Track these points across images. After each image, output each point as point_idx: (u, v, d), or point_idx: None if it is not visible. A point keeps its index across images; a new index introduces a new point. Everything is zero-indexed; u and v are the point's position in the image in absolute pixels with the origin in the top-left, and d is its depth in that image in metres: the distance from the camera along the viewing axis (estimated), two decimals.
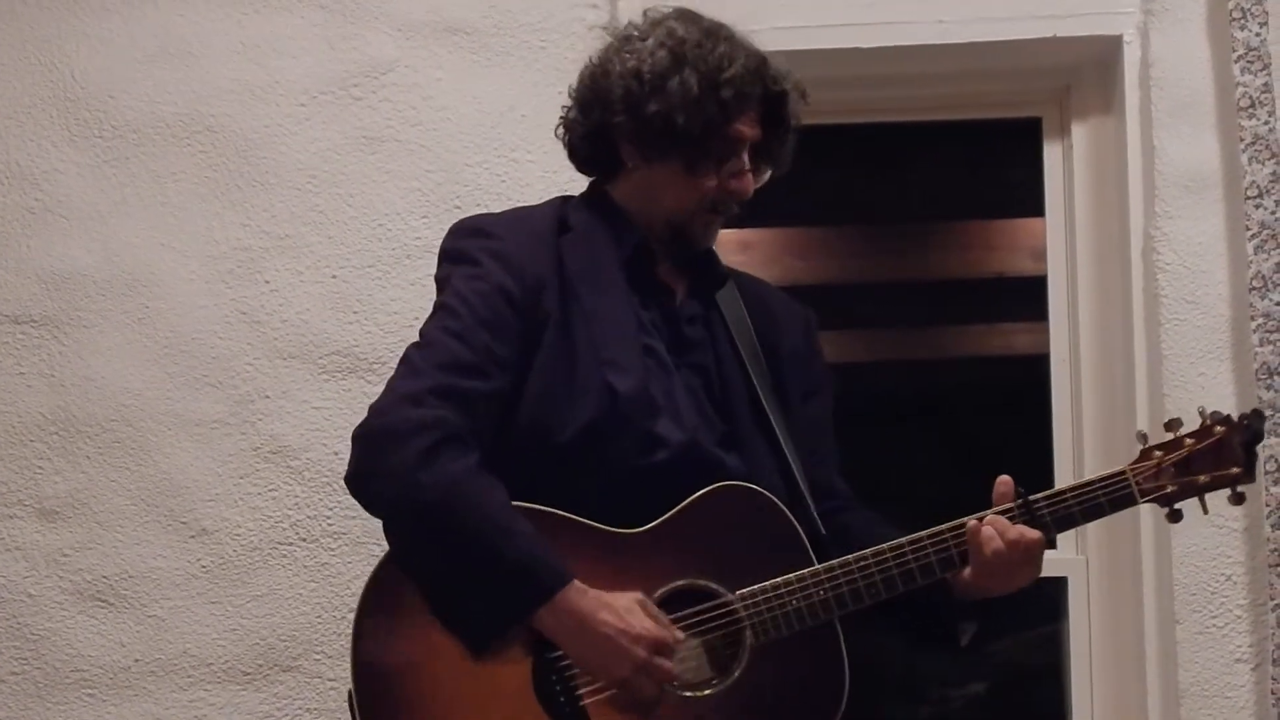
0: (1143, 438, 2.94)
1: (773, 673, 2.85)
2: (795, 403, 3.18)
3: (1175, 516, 2.94)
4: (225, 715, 4.08)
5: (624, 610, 2.80)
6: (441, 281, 3.09)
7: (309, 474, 4.10)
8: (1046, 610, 4.48)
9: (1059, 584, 4.28)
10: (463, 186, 4.20)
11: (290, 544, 4.11)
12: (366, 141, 4.24)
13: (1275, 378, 3.87)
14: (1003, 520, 2.87)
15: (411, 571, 2.86)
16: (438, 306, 3.04)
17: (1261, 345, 3.88)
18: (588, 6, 4.23)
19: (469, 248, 3.08)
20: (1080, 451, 4.26)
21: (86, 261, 4.21)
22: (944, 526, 2.90)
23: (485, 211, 4.02)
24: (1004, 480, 2.93)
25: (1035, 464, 4.35)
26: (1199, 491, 2.91)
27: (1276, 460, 3.83)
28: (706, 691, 2.83)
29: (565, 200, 3.23)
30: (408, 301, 4.09)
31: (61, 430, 4.17)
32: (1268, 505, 3.84)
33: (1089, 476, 2.96)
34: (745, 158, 3.08)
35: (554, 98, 3.83)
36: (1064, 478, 4.28)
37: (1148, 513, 4.03)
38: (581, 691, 2.81)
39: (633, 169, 3.15)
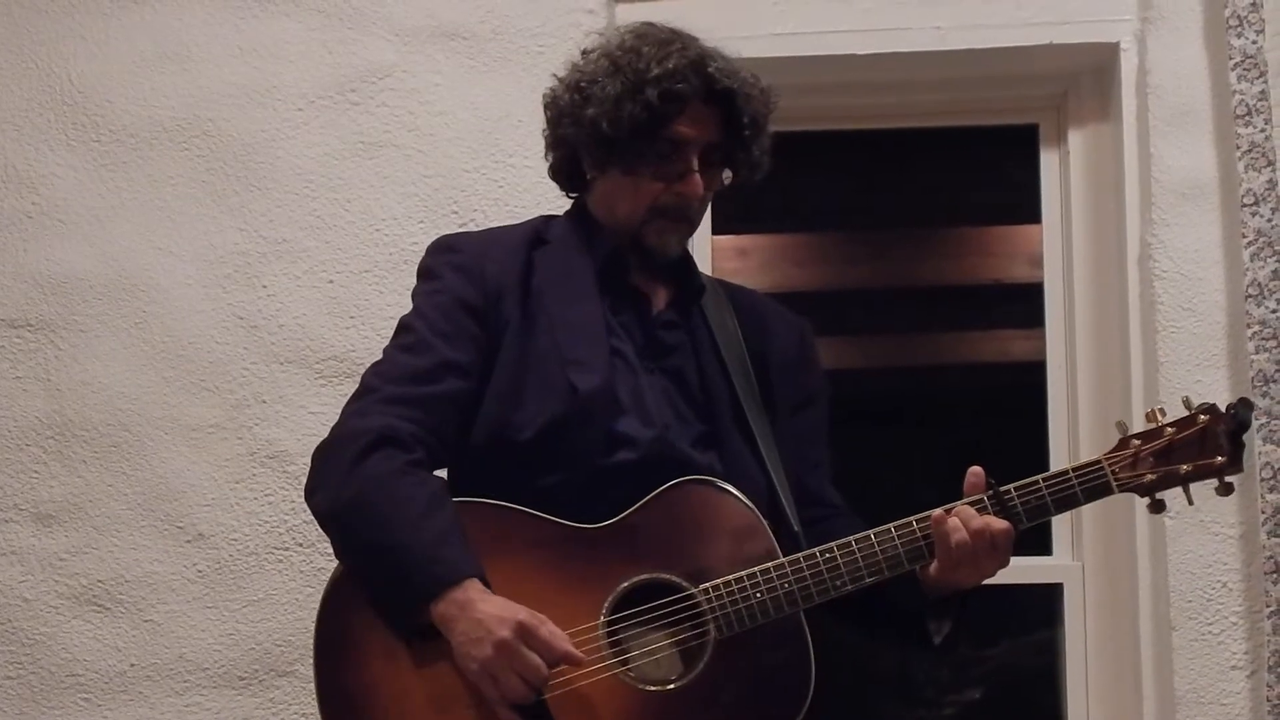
0: (1122, 427, 2.90)
1: (737, 667, 2.82)
2: (784, 411, 3.16)
3: (1157, 507, 2.88)
4: None
5: (507, 604, 2.75)
6: (411, 298, 3.15)
7: (305, 479, 4.09)
8: (1042, 616, 4.49)
9: (1055, 590, 4.28)
10: (460, 192, 4.20)
11: (286, 549, 4.11)
12: (364, 146, 4.24)
13: (1271, 385, 3.87)
14: (968, 510, 2.84)
15: (353, 570, 2.88)
16: (398, 326, 3.11)
17: (1257, 353, 3.89)
18: (584, 12, 4.24)
19: (434, 264, 3.15)
20: (1076, 458, 4.25)
21: (83, 266, 4.22)
22: (911, 517, 2.87)
23: (480, 215, 4.04)
24: (974, 471, 2.89)
25: (1031, 470, 4.34)
26: (1181, 481, 2.85)
27: (1273, 467, 3.83)
28: (669, 686, 2.79)
29: (549, 218, 3.26)
30: (404, 307, 4.04)
31: (58, 435, 4.17)
32: (1263, 512, 3.84)
33: (1062, 466, 2.92)
34: (692, 159, 3.05)
35: None
36: None
37: (1143, 519, 4.04)
38: (543, 688, 2.77)
39: (592, 180, 3.19)
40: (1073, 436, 4.31)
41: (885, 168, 5.04)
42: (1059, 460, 4.30)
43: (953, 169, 5.06)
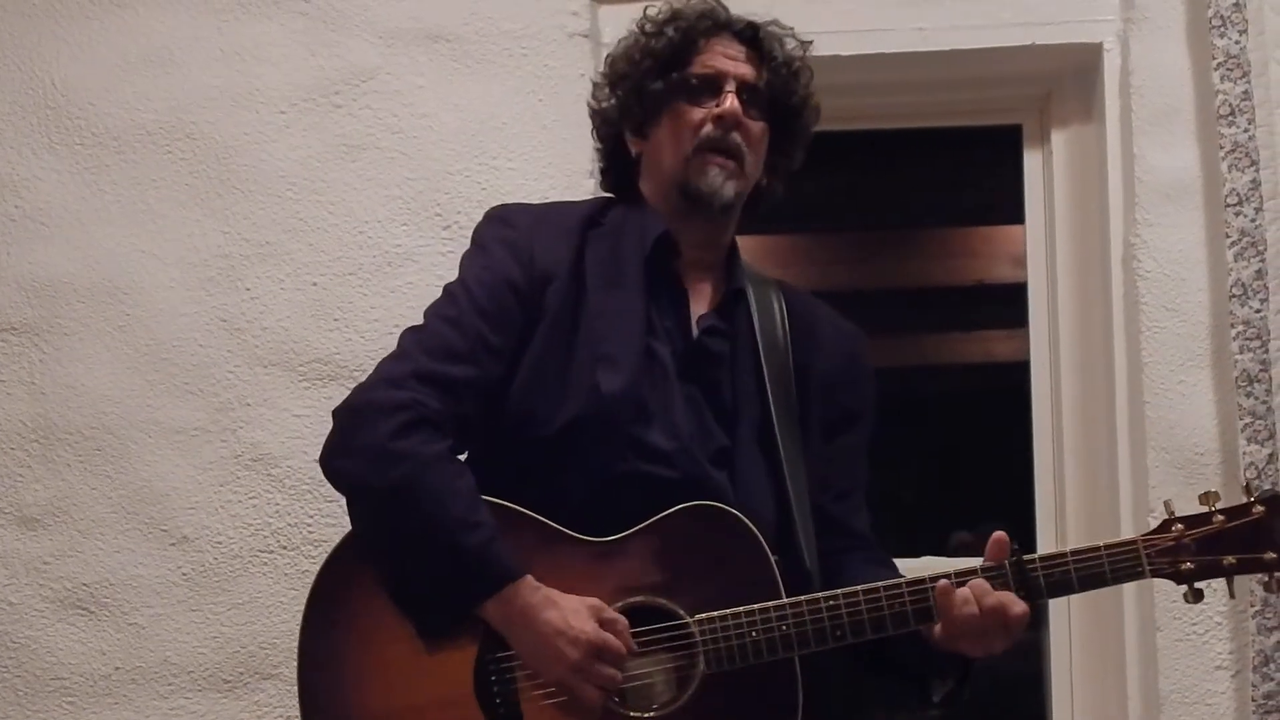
0: (1168, 507, 2.79)
1: (722, 702, 2.78)
2: (817, 430, 3.10)
3: (1195, 596, 2.76)
4: None
5: (570, 611, 2.76)
6: (460, 265, 3.10)
7: (289, 482, 4.09)
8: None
9: None
10: (443, 194, 4.19)
11: (271, 552, 4.10)
12: (347, 149, 4.23)
13: (1255, 385, 3.87)
14: (983, 585, 2.75)
15: (370, 551, 2.87)
16: (443, 291, 3.06)
17: (1241, 353, 3.89)
18: (569, 15, 4.22)
19: (486, 236, 3.10)
20: (1060, 458, 4.26)
21: (67, 269, 4.21)
22: (925, 576, 2.79)
23: (464, 217, 4.02)
24: (998, 537, 2.80)
25: (1015, 470, 4.35)
26: (1224, 574, 2.74)
27: (1256, 467, 3.83)
28: (650, 714, 2.78)
29: (609, 200, 3.22)
30: (388, 309, 4.08)
31: (42, 438, 4.15)
32: None
33: (1094, 542, 2.80)
34: (726, 85, 3.05)
35: (535, 105, 3.84)
36: (1043, 485, 4.29)
37: (1128, 519, 4.04)
38: (520, 694, 2.78)
39: (639, 155, 3.17)
40: (1056, 437, 4.30)
41: (869, 169, 5.05)
42: (1042, 462, 4.30)
43: (936, 170, 5.07)
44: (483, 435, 2.95)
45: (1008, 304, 4.58)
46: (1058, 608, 4.24)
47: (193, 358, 4.18)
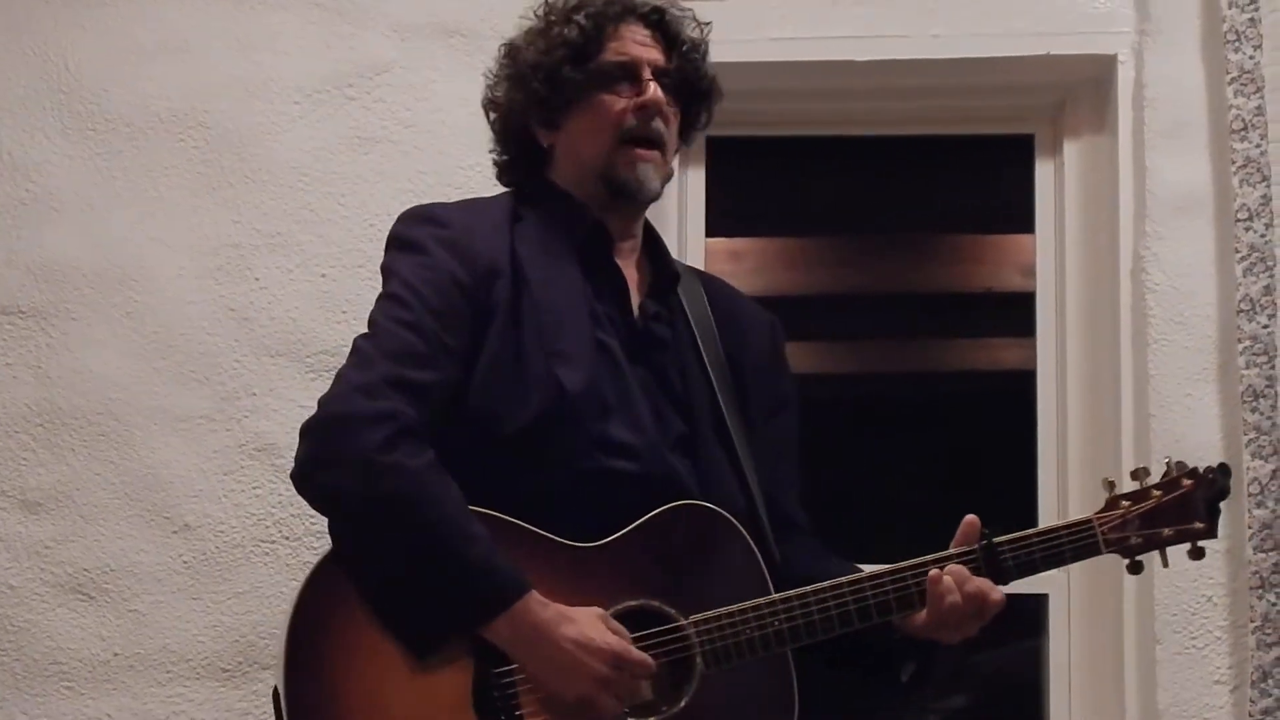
0: (1109, 486, 2.91)
1: (721, 701, 2.78)
2: (757, 417, 3.10)
3: (1136, 568, 2.90)
4: (204, 711, 4.08)
5: (585, 624, 2.71)
6: (387, 269, 2.99)
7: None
8: (1027, 625, 4.48)
9: (1040, 600, 4.28)
10: (455, 188, 4.18)
11: (273, 541, 4.10)
12: (360, 141, 4.24)
13: (1261, 400, 3.87)
14: (963, 571, 2.81)
15: (360, 569, 2.76)
16: (385, 296, 2.94)
17: (1248, 368, 3.89)
18: None
19: (418, 236, 2.99)
20: (1065, 468, 4.26)
21: (76, 254, 4.21)
22: (904, 565, 2.83)
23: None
24: (970, 521, 2.87)
25: (1019, 479, 4.35)
26: (1162, 544, 2.88)
27: (1260, 482, 3.84)
28: (652, 717, 2.75)
29: (517, 193, 3.15)
30: None
31: (46, 422, 4.16)
32: (1250, 527, 3.85)
33: (1054, 523, 2.91)
34: (643, 72, 3.03)
35: None
36: (1047, 494, 4.29)
37: None
38: (522, 710, 2.73)
39: (551, 146, 3.12)
40: (1061, 446, 4.31)
41: (881, 173, 5.04)
42: (1047, 472, 4.30)
43: (948, 176, 5.06)
44: (444, 439, 2.83)
45: (1016, 313, 4.57)
46: (1057, 618, 4.24)
47: (200, 346, 4.18)
